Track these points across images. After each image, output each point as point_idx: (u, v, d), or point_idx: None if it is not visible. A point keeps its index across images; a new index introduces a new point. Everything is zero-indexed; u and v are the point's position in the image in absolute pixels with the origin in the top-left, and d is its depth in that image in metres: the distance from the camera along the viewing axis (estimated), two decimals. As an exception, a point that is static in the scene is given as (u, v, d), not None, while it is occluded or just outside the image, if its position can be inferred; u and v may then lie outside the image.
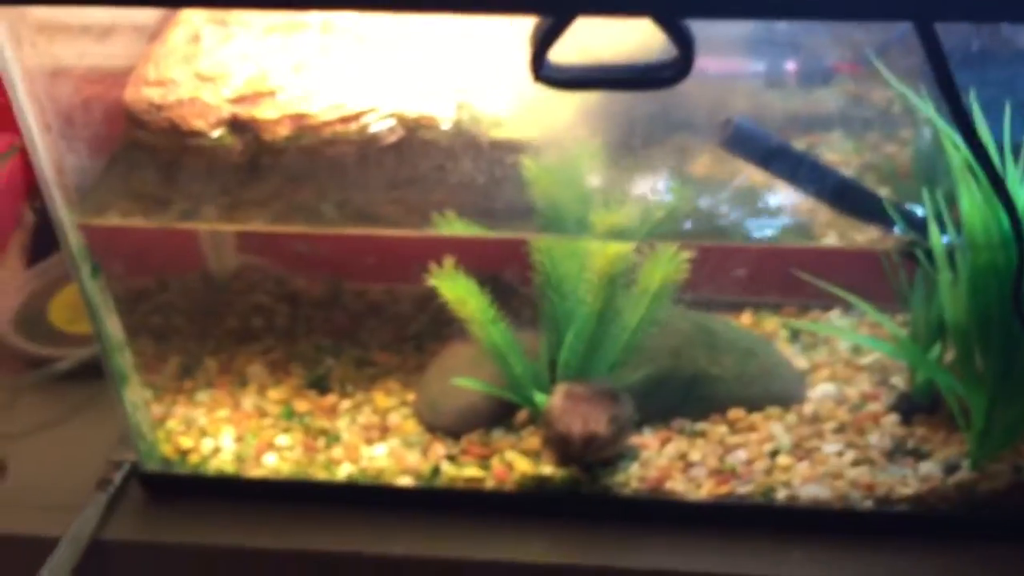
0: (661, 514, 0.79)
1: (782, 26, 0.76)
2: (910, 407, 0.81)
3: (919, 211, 0.67)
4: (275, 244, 0.96)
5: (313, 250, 0.89)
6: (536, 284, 0.77)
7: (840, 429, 0.81)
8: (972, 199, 0.63)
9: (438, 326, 0.92)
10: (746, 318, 0.91)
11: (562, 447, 0.78)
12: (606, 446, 0.78)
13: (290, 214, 0.74)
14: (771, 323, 0.91)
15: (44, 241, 1.03)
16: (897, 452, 0.79)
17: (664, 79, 0.56)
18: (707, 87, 0.76)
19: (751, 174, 0.73)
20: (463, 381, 0.80)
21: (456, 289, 0.76)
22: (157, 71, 0.76)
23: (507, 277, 0.84)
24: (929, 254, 0.68)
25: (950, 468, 0.77)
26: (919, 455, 0.79)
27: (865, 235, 0.73)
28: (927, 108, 0.64)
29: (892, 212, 0.66)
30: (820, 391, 0.84)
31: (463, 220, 0.73)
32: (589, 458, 0.78)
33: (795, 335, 0.90)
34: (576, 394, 0.77)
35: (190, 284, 0.96)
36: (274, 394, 0.87)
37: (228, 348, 0.91)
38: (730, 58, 0.79)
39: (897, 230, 0.67)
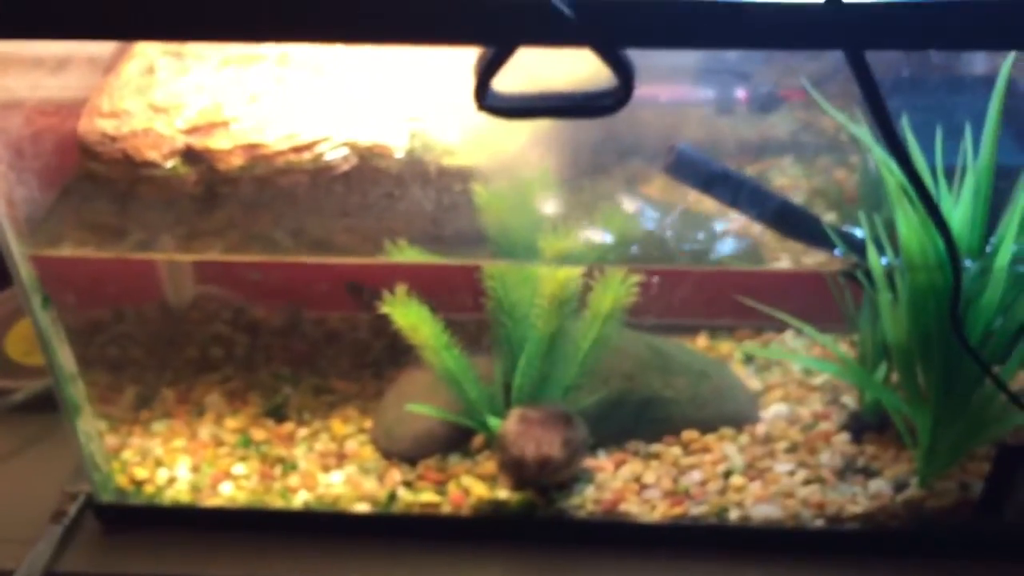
0: (616, 536, 0.79)
1: (731, 55, 0.77)
2: (860, 426, 0.83)
3: (860, 234, 0.69)
4: (233, 274, 0.96)
5: (266, 278, 0.89)
6: (489, 309, 0.78)
7: (792, 449, 0.82)
8: (909, 222, 0.64)
9: (396, 353, 0.93)
10: (701, 341, 0.93)
11: (517, 471, 0.79)
12: (560, 469, 0.78)
13: (245, 243, 0.75)
14: (726, 346, 0.92)
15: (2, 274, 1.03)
16: (848, 471, 0.80)
17: (604, 107, 0.57)
18: (657, 114, 0.78)
19: (702, 201, 0.75)
20: (418, 407, 0.80)
21: (409, 316, 0.76)
22: (111, 102, 0.76)
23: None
24: (871, 276, 0.69)
25: (899, 486, 0.78)
26: (869, 473, 0.80)
27: (814, 258, 0.75)
28: (863, 134, 0.65)
29: (832, 235, 0.67)
30: (773, 411, 0.85)
31: (415, 247, 0.74)
32: (544, 481, 0.79)
33: (749, 357, 0.91)
34: (530, 418, 0.78)
35: (147, 314, 0.96)
36: (231, 423, 0.87)
37: (186, 378, 0.91)
38: (680, 86, 0.81)
39: (838, 252, 0.69)
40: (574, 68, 0.70)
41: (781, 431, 0.84)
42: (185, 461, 0.84)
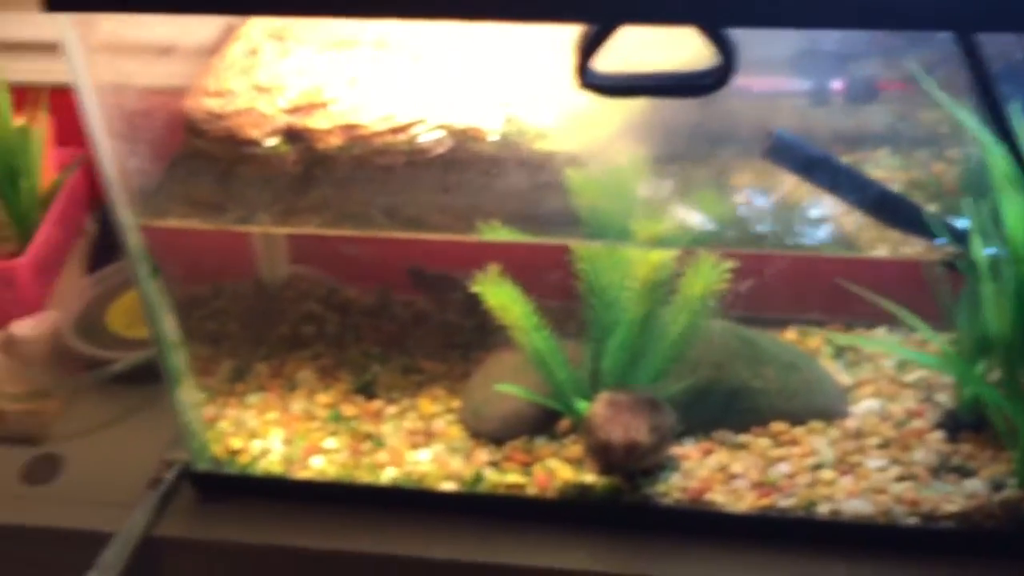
0: (702, 525, 0.79)
1: (828, 44, 0.76)
2: (956, 424, 0.81)
3: (962, 224, 0.67)
4: (326, 252, 0.98)
5: (360, 255, 0.91)
6: (579, 292, 0.78)
7: (884, 445, 0.81)
8: (1016, 211, 0.63)
9: (484, 335, 0.94)
10: (790, 335, 0.91)
11: (604, 455, 0.79)
12: (647, 455, 0.78)
13: (340, 221, 0.76)
14: (815, 340, 0.91)
15: (104, 250, 1.07)
16: (942, 469, 0.79)
17: (705, 86, 0.57)
18: (752, 104, 0.77)
19: (794, 190, 0.74)
20: (507, 387, 0.81)
21: (500, 296, 0.77)
22: (217, 82, 0.79)
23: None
24: (973, 266, 0.68)
25: (996, 486, 0.76)
26: (964, 472, 0.78)
27: (912, 248, 0.73)
28: (969, 120, 0.64)
29: (933, 223, 0.66)
30: (864, 407, 0.84)
31: (508, 228, 0.74)
32: (630, 467, 0.79)
33: (839, 352, 0.90)
34: (618, 402, 0.78)
35: (243, 291, 0.99)
36: (323, 398, 0.89)
37: (279, 354, 0.93)
38: (775, 76, 0.80)
39: (939, 242, 0.67)
40: (666, 54, 0.70)
41: (872, 427, 0.82)
42: (278, 433, 0.86)
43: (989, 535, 0.75)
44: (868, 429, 0.82)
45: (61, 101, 1.05)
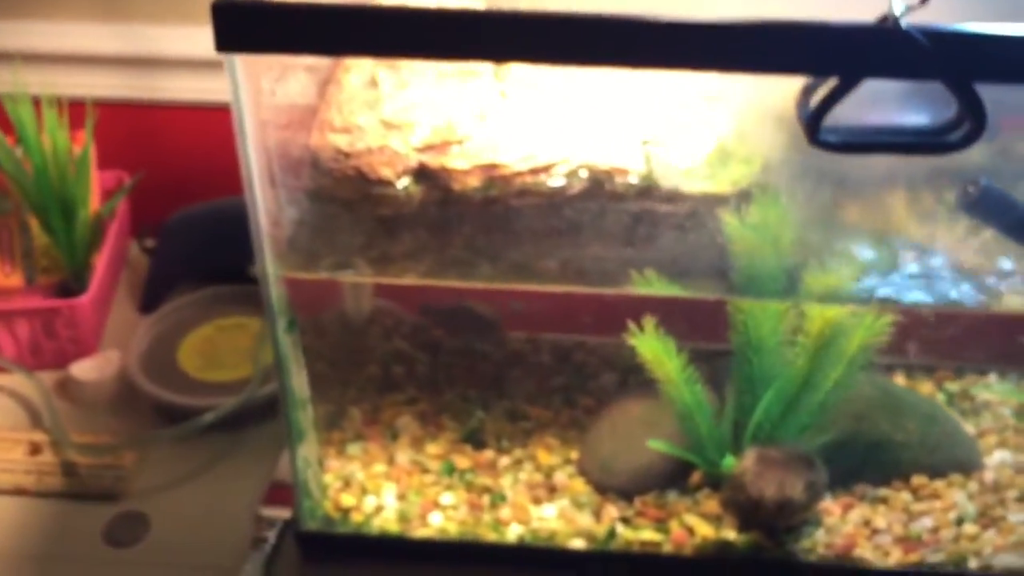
0: (849, 583, 0.77)
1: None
2: (1093, 476, 0.80)
3: None
4: (414, 288, 0.93)
5: (524, 308, 0.86)
6: (733, 344, 0.75)
7: (1022, 498, 0.80)
8: None
9: (583, 379, 0.90)
10: (899, 379, 0.90)
11: (751, 512, 0.75)
12: (799, 511, 0.75)
13: (495, 270, 0.71)
14: (925, 386, 0.89)
15: (160, 284, 0.99)
16: (1085, 522, 0.78)
17: (952, 144, 0.54)
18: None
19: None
20: (656, 443, 0.77)
21: (655, 348, 0.73)
22: (342, 117, 0.73)
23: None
24: None
25: None
26: (1109, 526, 0.77)
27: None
28: None
29: None
30: (997, 458, 0.82)
31: (660, 278, 0.71)
32: (779, 523, 0.76)
33: (951, 399, 0.88)
34: (770, 458, 0.75)
35: (326, 326, 0.92)
36: (431, 448, 0.83)
37: (371, 397, 0.88)
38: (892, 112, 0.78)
39: None
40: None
41: (1009, 479, 0.81)
42: (391, 488, 0.80)
43: None
44: (1004, 481, 0.81)
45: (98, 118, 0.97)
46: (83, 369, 0.90)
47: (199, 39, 1.02)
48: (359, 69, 0.76)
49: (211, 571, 0.78)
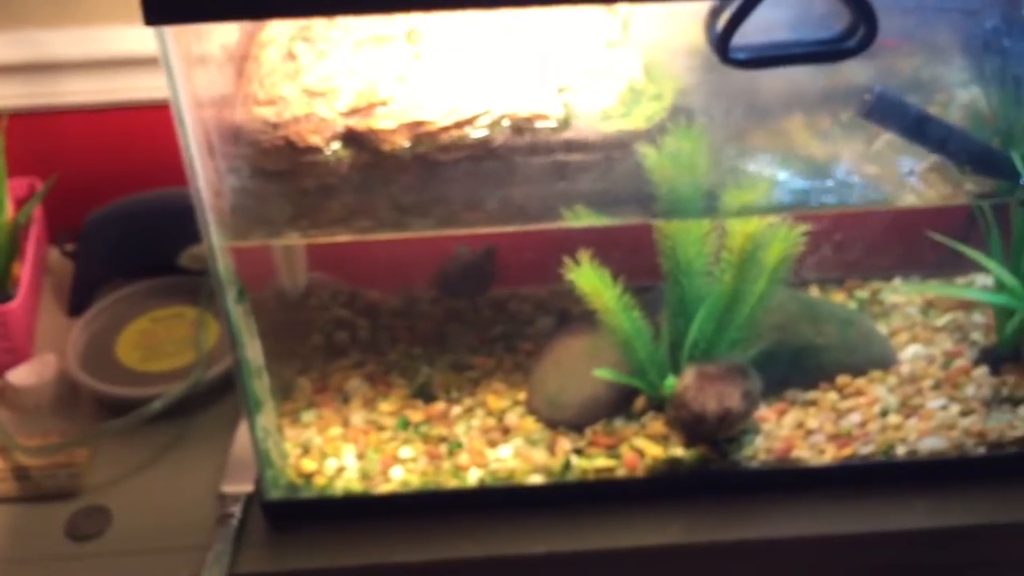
0: (791, 482, 0.82)
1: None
2: (996, 359, 0.87)
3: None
4: (346, 257, 0.94)
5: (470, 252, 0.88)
6: (664, 269, 0.79)
7: (937, 385, 0.86)
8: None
9: (520, 326, 0.93)
10: (813, 292, 0.95)
11: (695, 427, 0.80)
12: (739, 421, 0.80)
13: (442, 219, 0.74)
14: (838, 296, 0.95)
15: (86, 285, 0.98)
16: (994, 400, 0.84)
17: (849, 50, 0.59)
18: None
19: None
20: (602, 372, 0.81)
21: (592, 280, 0.77)
22: (264, 90, 0.74)
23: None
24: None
25: (1049, 409, 0.83)
26: (1016, 401, 0.84)
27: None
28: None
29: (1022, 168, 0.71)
30: (910, 352, 0.88)
31: (589, 212, 0.74)
32: (721, 435, 0.81)
33: (862, 305, 0.94)
34: (708, 373, 0.79)
35: (264, 302, 0.93)
36: (384, 406, 0.85)
37: (317, 365, 0.89)
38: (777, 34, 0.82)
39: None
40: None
41: (922, 370, 0.87)
42: (349, 449, 0.82)
43: (1053, 454, 0.82)
44: (919, 373, 0.87)
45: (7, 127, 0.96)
46: (20, 375, 0.89)
47: (96, 40, 1.03)
48: (276, 44, 0.77)
49: (180, 553, 0.78)
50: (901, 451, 0.82)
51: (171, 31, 0.60)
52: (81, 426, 0.87)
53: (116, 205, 1.00)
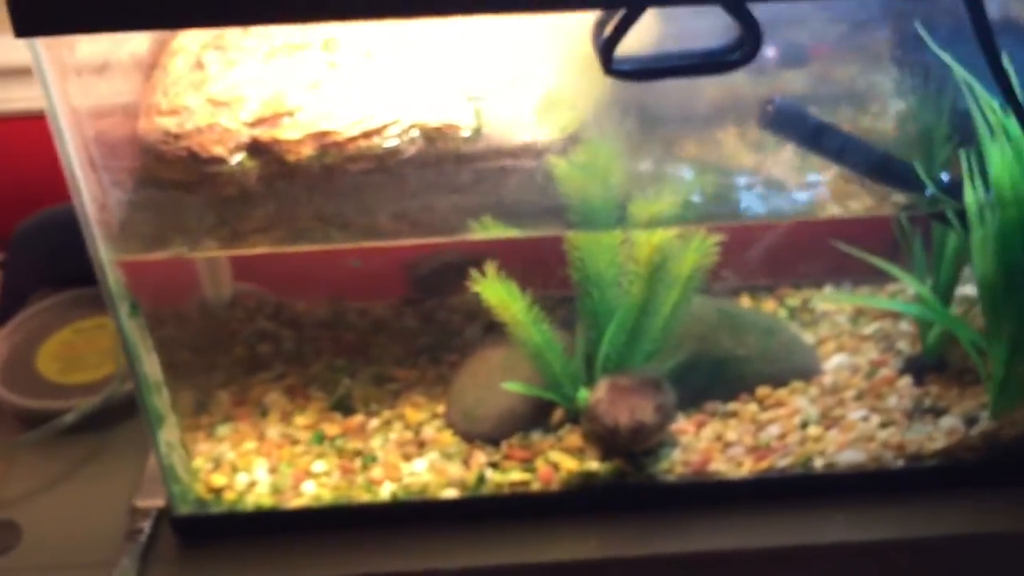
0: (708, 495, 0.81)
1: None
2: (920, 368, 0.86)
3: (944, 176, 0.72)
4: (271, 268, 0.94)
5: (364, 265, 0.87)
6: (573, 280, 0.78)
7: (860, 396, 0.85)
8: (1003, 158, 0.67)
9: (447, 337, 0.92)
10: (744, 301, 0.94)
11: (610, 440, 0.79)
12: (653, 434, 0.79)
13: (337, 232, 0.73)
14: (769, 304, 0.94)
15: (14, 295, 0.98)
16: (916, 411, 0.83)
17: (733, 62, 0.58)
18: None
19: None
20: (513, 385, 0.80)
21: (499, 293, 0.76)
22: (168, 100, 0.73)
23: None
24: (959, 215, 0.72)
25: (970, 420, 0.82)
26: (938, 412, 0.83)
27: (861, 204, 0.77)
28: (959, 71, 0.67)
29: (926, 178, 0.70)
30: (834, 362, 0.88)
31: (497, 223, 0.73)
32: (635, 448, 0.80)
33: (793, 313, 0.93)
34: (621, 386, 0.79)
35: (187, 315, 0.93)
36: (300, 420, 0.85)
37: (238, 379, 0.89)
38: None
39: (928, 194, 0.71)
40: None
41: (846, 380, 0.86)
42: (261, 463, 0.81)
43: (972, 466, 0.81)
44: (842, 383, 0.86)
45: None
46: (-62, 388, 0.88)
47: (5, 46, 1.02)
48: (185, 53, 0.76)
49: (89, 569, 0.77)
50: (819, 464, 0.81)
51: (43, 43, 0.59)
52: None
53: (44, 214, 1.00)
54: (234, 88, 0.73)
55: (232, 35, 0.76)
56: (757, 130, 0.76)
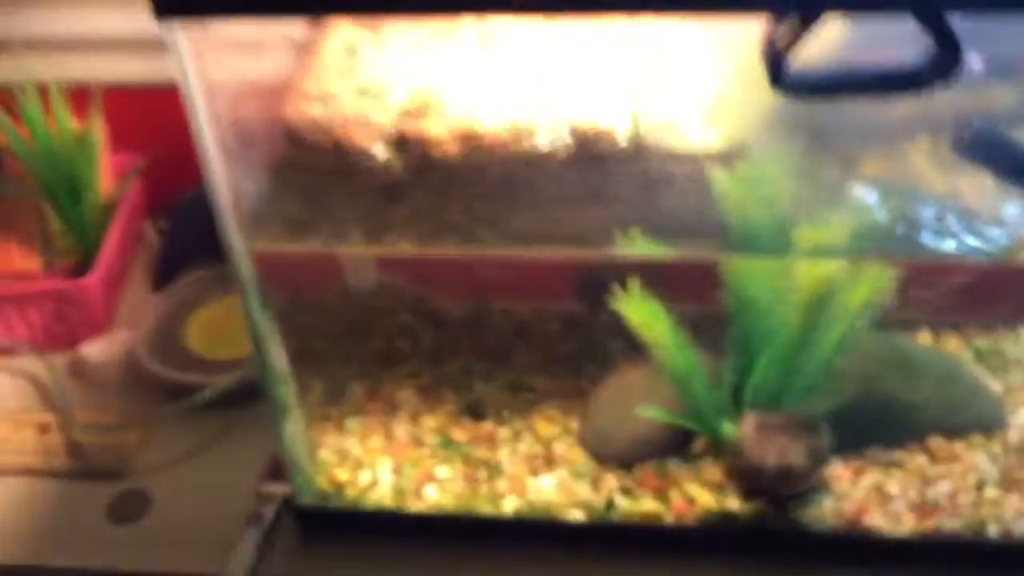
0: (860, 551, 0.73)
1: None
2: None
3: None
4: (417, 263, 0.91)
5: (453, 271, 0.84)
6: (726, 304, 0.72)
7: (1050, 458, 0.75)
8: None
9: (591, 347, 0.87)
10: (924, 338, 0.85)
11: (753, 479, 0.72)
12: (802, 479, 0.72)
13: (475, 229, 0.69)
14: (952, 343, 0.85)
15: (170, 264, 1.00)
16: (1117, 484, 0.73)
17: (924, 80, 0.50)
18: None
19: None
20: (649, 411, 0.74)
21: (642, 312, 0.70)
22: (317, 86, 0.71)
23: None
24: None
25: None
26: None
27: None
28: None
29: None
30: (1023, 416, 0.78)
31: (648, 238, 0.68)
32: (782, 491, 0.73)
33: (980, 356, 0.83)
34: (770, 424, 0.72)
35: (328, 304, 0.92)
36: (429, 422, 0.82)
37: (374, 371, 0.87)
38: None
39: None
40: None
41: (1035, 439, 0.76)
42: (386, 462, 0.79)
43: None
44: (1030, 442, 0.76)
45: (112, 102, 0.98)
46: (92, 350, 0.91)
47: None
48: (339, 36, 0.75)
49: (212, 547, 0.77)
50: (994, 530, 0.72)
51: (181, 26, 0.58)
52: (142, 407, 0.88)
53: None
54: (384, 77, 0.71)
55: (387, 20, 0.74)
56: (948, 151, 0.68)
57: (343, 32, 0.74)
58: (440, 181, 0.71)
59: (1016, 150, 0.58)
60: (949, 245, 0.65)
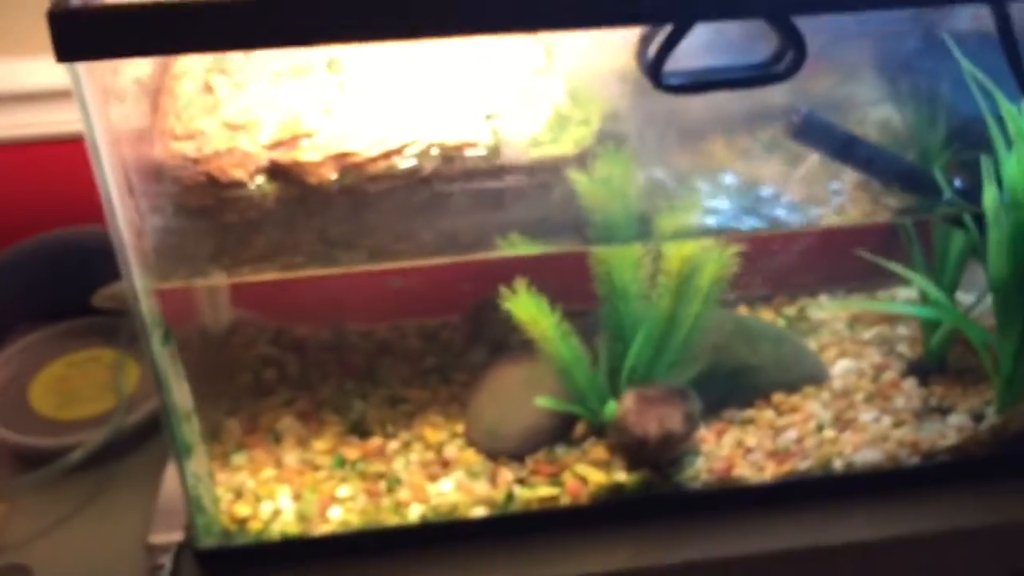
0: (733, 501, 0.82)
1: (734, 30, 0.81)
2: (923, 370, 0.89)
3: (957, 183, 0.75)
4: (269, 293, 0.92)
5: (406, 285, 0.86)
6: (600, 295, 0.79)
7: (869, 398, 0.87)
8: (1019, 162, 0.70)
9: (454, 356, 0.92)
10: (742, 312, 0.96)
11: (637, 451, 0.79)
12: (681, 443, 0.80)
13: (361, 256, 0.72)
14: (766, 314, 0.96)
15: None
16: (924, 411, 0.86)
17: (778, 75, 0.59)
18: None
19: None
20: (544, 400, 0.79)
21: (530, 309, 0.76)
22: (182, 124, 0.72)
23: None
24: (976, 219, 0.75)
25: (977, 416, 0.85)
26: (944, 411, 0.86)
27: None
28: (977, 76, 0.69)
29: (944, 185, 0.73)
30: (841, 367, 0.90)
31: (523, 240, 0.73)
32: (664, 457, 0.80)
33: (791, 322, 0.96)
34: (648, 397, 0.79)
35: (187, 343, 0.90)
36: (318, 445, 0.83)
37: (246, 405, 0.86)
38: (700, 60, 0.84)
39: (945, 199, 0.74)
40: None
41: (854, 384, 0.88)
42: (284, 491, 0.79)
43: (982, 460, 0.84)
44: (851, 387, 0.88)
45: None
46: (-74, 427, 0.84)
47: (9, 73, 0.98)
48: (191, 76, 0.75)
49: (109, 608, 0.75)
50: (838, 465, 0.83)
51: (84, 67, 0.57)
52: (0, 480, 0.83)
53: (24, 244, 0.96)
54: (248, 111, 0.72)
55: (234, 58, 0.75)
56: (752, 139, 0.79)
57: (193, 71, 0.75)
58: (309, 208, 0.73)
59: (838, 131, 0.69)
60: (780, 218, 0.76)
